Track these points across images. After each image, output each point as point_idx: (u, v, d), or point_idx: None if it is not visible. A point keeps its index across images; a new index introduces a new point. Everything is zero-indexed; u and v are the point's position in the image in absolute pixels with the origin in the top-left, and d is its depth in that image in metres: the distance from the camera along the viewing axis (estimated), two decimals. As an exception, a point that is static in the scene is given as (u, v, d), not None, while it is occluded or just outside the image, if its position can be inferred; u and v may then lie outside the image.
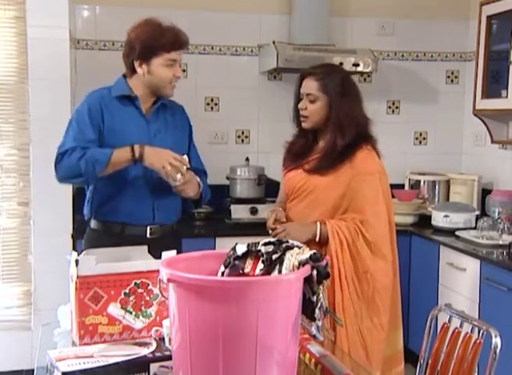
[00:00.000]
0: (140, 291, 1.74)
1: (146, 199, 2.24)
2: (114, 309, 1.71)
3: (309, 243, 2.15)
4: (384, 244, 2.21)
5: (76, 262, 1.69)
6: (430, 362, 1.97)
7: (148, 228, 2.28)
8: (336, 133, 2.22)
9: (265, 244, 1.45)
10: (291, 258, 1.39)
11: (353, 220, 2.18)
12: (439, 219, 3.51)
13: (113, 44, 3.65)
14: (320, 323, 1.39)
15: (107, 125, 2.21)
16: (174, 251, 1.71)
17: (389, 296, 2.24)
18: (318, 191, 2.23)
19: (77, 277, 1.68)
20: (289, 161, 2.38)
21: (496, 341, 1.77)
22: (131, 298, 1.73)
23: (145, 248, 1.90)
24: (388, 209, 2.26)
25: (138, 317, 1.73)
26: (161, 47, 2.14)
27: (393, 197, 3.67)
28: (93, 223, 2.34)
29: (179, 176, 2.13)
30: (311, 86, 2.26)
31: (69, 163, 2.14)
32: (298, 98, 2.32)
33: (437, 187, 3.88)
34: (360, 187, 2.20)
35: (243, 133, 3.90)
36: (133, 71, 2.23)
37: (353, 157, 2.21)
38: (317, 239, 2.17)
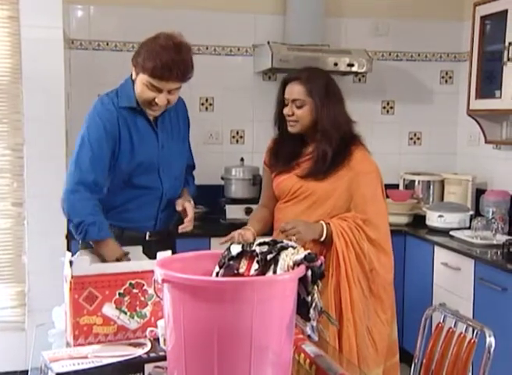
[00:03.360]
0: (134, 291, 1.74)
1: (151, 209, 2.20)
2: (109, 310, 1.70)
3: (312, 242, 2.17)
4: (386, 241, 2.26)
5: (71, 262, 1.69)
6: (424, 361, 1.98)
7: (148, 233, 2.26)
8: (322, 138, 2.23)
9: (260, 244, 1.45)
10: (286, 258, 1.39)
11: (355, 219, 2.20)
12: (433, 219, 3.52)
13: (107, 44, 3.64)
14: (315, 323, 1.39)
15: (122, 145, 2.13)
16: (169, 252, 1.71)
17: (393, 291, 2.29)
18: (317, 194, 2.24)
19: (72, 278, 1.67)
20: (278, 163, 2.36)
21: (490, 340, 1.77)
22: (126, 299, 1.73)
23: (140, 248, 1.90)
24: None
25: (133, 317, 1.73)
26: (143, 67, 2.04)
27: (388, 197, 3.69)
28: None
29: None
30: (297, 91, 2.25)
31: (74, 206, 2.05)
32: (282, 104, 2.31)
33: (431, 187, 3.89)
34: (360, 186, 2.22)
35: (237, 133, 3.89)
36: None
37: (350, 158, 2.23)
38: (322, 239, 2.17)
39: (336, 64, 3.48)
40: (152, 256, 1.90)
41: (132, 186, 2.14)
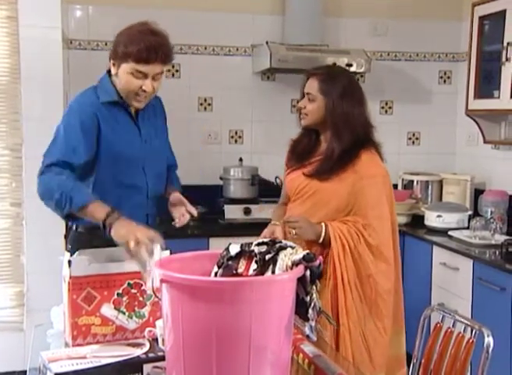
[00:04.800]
0: (133, 291, 1.73)
1: (141, 210, 2.18)
2: (107, 310, 1.70)
3: (311, 242, 2.18)
4: (386, 248, 2.21)
5: (69, 262, 1.69)
6: (423, 361, 1.98)
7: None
8: (333, 137, 2.23)
9: (259, 244, 1.45)
10: (284, 258, 1.39)
11: (355, 224, 2.18)
12: (432, 219, 3.52)
13: (106, 45, 3.63)
14: (313, 323, 1.39)
15: (104, 138, 2.11)
16: (167, 252, 1.71)
17: (392, 300, 2.24)
18: (320, 194, 2.24)
19: (70, 278, 1.67)
20: (292, 161, 2.38)
21: (489, 340, 1.77)
22: (124, 299, 1.73)
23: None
24: (391, 213, 2.26)
25: (131, 318, 1.73)
26: (128, 55, 2.03)
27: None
28: (80, 227, 2.25)
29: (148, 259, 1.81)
30: (312, 86, 2.26)
31: (49, 184, 1.99)
32: (302, 97, 2.32)
33: (430, 187, 3.89)
34: (364, 190, 2.19)
35: (236, 133, 3.90)
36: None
37: (356, 161, 2.21)
38: (320, 240, 2.17)
39: (334, 64, 3.47)
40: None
41: (119, 185, 2.12)
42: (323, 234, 2.16)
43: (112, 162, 2.11)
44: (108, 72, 2.17)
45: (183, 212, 2.21)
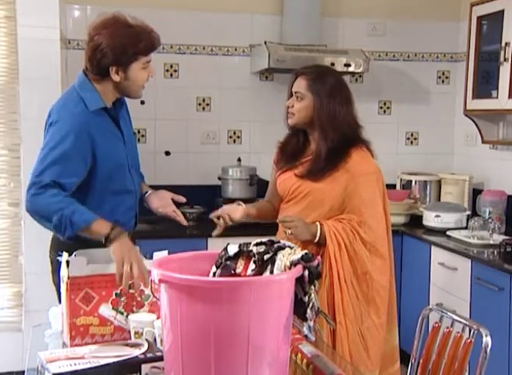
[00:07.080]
0: (131, 291, 1.74)
1: (132, 210, 2.19)
2: (105, 310, 1.70)
3: (307, 242, 2.18)
4: (382, 244, 2.23)
5: (67, 263, 1.69)
6: (421, 361, 1.98)
7: (126, 233, 2.23)
8: (319, 136, 2.23)
9: (257, 244, 1.45)
10: (283, 258, 1.39)
11: (350, 221, 2.19)
12: (430, 219, 3.52)
13: (104, 44, 3.64)
14: (312, 323, 1.40)
15: (98, 149, 2.04)
16: (165, 252, 1.71)
17: (388, 295, 2.26)
18: (314, 195, 2.24)
19: (68, 278, 1.67)
20: (282, 162, 2.38)
21: (487, 340, 1.77)
22: (122, 299, 1.73)
23: (137, 248, 1.89)
24: (384, 209, 2.28)
25: (130, 318, 1.72)
26: (139, 51, 2.03)
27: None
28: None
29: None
30: (300, 84, 2.27)
31: (44, 206, 1.90)
32: (290, 97, 2.32)
33: (428, 187, 3.90)
34: (357, 188, 2.20)
35: (234, 133, 3.90)
36: (104, 76, 2.06)
37: (347, 159, 2.22)
38: (315, 240, 2.18)
39: (332, 64, 3.48)
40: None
41: (113, 193, 2.09)
42: (318, 234, 2.17)
43: (106, 171, 2.06)
44: (85, 76, 2.10)
45: (172, 209, 2.20)
